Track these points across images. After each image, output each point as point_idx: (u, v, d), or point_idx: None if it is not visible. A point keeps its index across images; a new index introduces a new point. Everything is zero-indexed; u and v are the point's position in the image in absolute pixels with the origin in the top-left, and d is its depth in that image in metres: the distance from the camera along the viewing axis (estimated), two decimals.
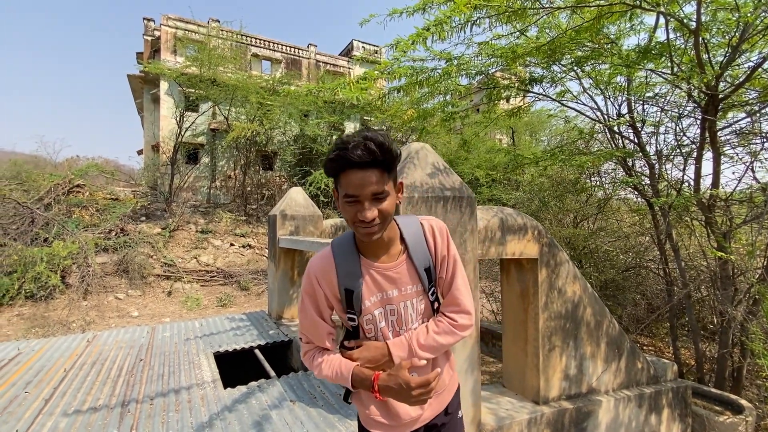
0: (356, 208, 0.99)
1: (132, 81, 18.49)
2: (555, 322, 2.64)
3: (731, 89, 3.32)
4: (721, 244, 3.49)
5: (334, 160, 0.98)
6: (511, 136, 17.10)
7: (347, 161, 0.95)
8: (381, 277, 1.12)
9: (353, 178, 0.96)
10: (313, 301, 1.14)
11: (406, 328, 1.16)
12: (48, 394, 2.77)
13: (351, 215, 1.01)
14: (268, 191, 15.63)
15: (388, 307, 1.13)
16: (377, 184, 0.97)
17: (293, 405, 2.63)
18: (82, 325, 7.67)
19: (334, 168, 1.00)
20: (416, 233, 1.16)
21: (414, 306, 1.16)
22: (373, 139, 0.95)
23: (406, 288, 1.14)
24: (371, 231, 1.01)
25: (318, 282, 1.12)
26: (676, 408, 3.13)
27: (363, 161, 0.95)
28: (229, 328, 4.45)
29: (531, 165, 5.35)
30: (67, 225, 9.92)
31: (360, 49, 22.17)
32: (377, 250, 1.12)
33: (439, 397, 1.23)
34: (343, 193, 1.00)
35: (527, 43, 3.93)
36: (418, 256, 1.14)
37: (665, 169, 4.45)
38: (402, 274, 1.13)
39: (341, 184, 1.00)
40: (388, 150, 0.97)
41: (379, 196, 0.99)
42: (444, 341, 1.14)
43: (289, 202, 4.87)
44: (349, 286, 1.10)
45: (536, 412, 2.46)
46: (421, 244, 1.15)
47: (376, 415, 1.16)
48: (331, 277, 1.11)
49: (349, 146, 0.95)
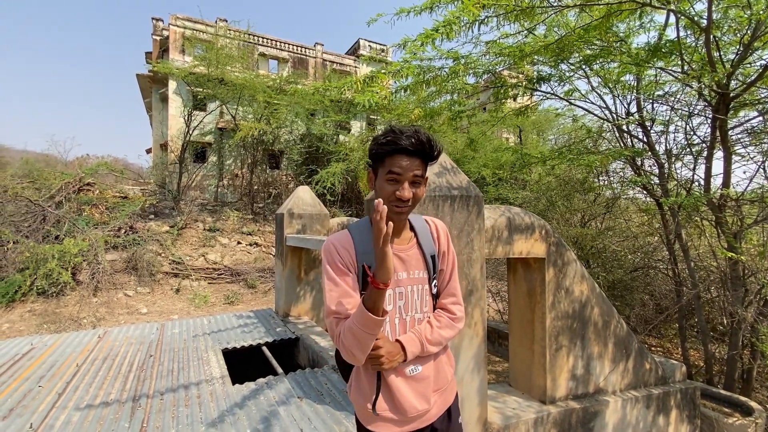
0: (396, 186, 1.11)
1: (141, 80, 18.69)
2: (562, 322, 2.64)
3: (743, 88, 3.27)
4: (731, 244, 3.45)
5: (386, 144, 1.11)
6: (518, 134, 17.00)
7: (399, 146, 1.09)
8: (394, 257, 1.16)
9: (401, 161, 1.10)
10: (338, 269, 1.15)
11: (411, 315, 1.21)
12: (61, 389, 2.83)
13: (389, 193, 1.12)
14: (274, 190, 15.71)
15: (398, 290, 1.20)
16: (418, 170, 1.12)
17: (300, 402, 2.65)
18: (93, 321, 7.78)
19: (384, 150, 1.11)
20: (423, 225, 1.30)
21: (419, 293, 1.23)
22: (424, 133, 1.11)
23: (415, 272, 1.22)
24: (403, 210, 1.14)
25: (338, 252, 1.16)
26: (685, 409, 3.11)
27: (413, 149, 1.09)
28: (236, 325, 4.49)
29: (538, 164, 5.33)
30: (77, 223, 10.07)
31: (367, 48, 22.16)
32: (394, 232, 1.20)
33: (443, 394, 1.26)
34: (386, 171, 1.11)
35: (535, 42, 3.91)
36: (426, 244, 1.26)
37: (675, 169, 4.41)
38: (412, 257, 1.22)
39: (386, 165, 1.12)
40: (433, 145, 1.13)
41: (417, 181, 1.13)
42: (446, 335, 1.23)
43: (296, 201, 4.90)
44: (368, 262, 1.14)
45: (543, 411, 2.46)
46: (427, 233, 1.29)
47: (383, 410, 1.17)
48: (350, 252, 1.17)
49: (403, 134, 1.09)
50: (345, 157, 12.87)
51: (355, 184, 14.08)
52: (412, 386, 1.19)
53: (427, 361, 1.23)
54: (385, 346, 1.13)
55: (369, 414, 1.19)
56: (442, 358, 1.28)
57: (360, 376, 1.23)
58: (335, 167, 12.00)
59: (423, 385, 1.21)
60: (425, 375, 1.21)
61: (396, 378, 1.18)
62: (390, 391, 1.18)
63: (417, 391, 1.20)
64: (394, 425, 1.19)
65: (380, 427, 1.19)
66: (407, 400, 1.17)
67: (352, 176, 13.33)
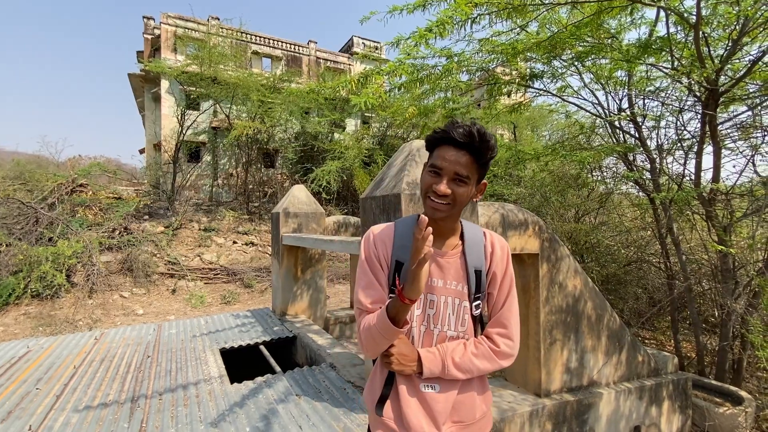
0: (435, 179, 1.04)
1: (133, 80, 18.52)
2: (556, 316, 2.68)
3: (732, 83, 3.32)
4: (721, 237, 3.51)
5: (437, 133, 1.05)
6: (512, 131, 17.06)
7: (448, 136, 1.02)
8: (431, 260, 1.10)
9: (446, 153, 1.03)
10: (370, 260, 1.13)
11: (440, 329, 1.12)
12: (59, 391, 2.83)
13: (427, 185, 1.05)
14: (270, 189, 15.69)
15: (429, 297, 1.11)
16: (463, 166, 1.02)
17: (299, 399, 2.68)
18: (89, 323, 7.75)
19: (435, 140, 1.06)
20: (477, 236, 1.17)
21: (454, 307, 1.12)
22: (478, 127, 1.01)
23: (452, 283, 1.12)
24: (438, 206, 1.04)
25: (375, 245, 1.13)
26: (677, 400, 3.17)
27: (461, 141, 1.00)
28: (234, 325, 4.50)
29: (532, 160, 5.37)
30: (71, 224, 9.99)
31: (360, 45, 22.11)
32: (436, 235, 1.11)
33: (464, 429, 1.14)
34: (430, 163, 1.06)
35: (528, 39, 3.94)
36: (472, 256, 1.14)
37: (666, 164, 4.47)
38: (451, 266, 1.13)
39: (433, 156, 1.07)
40: (486, 140, 1.01)
41: (461, 179, 1.03)
42: (480, 365, 1.10)
43: (292, 200, 4.91)
44: (401, 258, 1.10)
45: (538, 404, 2.50)
46: (479, 246, 1.16)
47: (389, 419, 1.11)
48: (387, 245, 1.13)
49: (455, 125, 1.02)
50: (340, 155, 12.89)
51: (351, 183, 14.08)
52: (422, 404, 1.10)
53: (450, 387, 1.11)
54: (399, 347, 1.07)
55: (374, 416, 1.14)
56: (473, 392, 1.15)
57: (375, 374, 1.18)
58: (330, 165, 12.02)
59: (436, 408, 1.09)
60: (442, 399, 1.10)
61: (407, 389, 1.11)
62: (398, 400, 1.11)
63: (426, 411, 1.10)
64: None
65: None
66: (413, 416, 1.09)
67: (348, 174, 13.33)
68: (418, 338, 1.12)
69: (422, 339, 1.12)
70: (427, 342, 1.12)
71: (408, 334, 1.12)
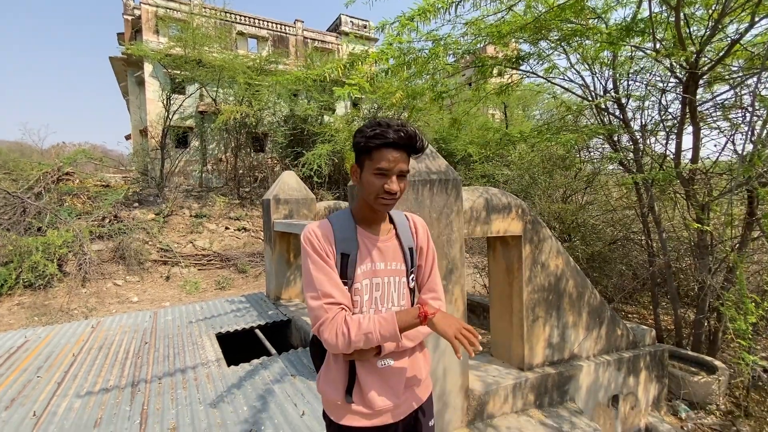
0: (384, 180, 1.12)
1: (114, 63, 18.00)
2: (538, 295, 2.80)
3: (711, 64, 3.38)
4: (699, 215, 3.64)
5: (374, 137, 1.10)
6: (503, 111, 17.03)
7: (388, 140, 1.09)
8: (372, 246, 1.21)
9: (389, 155, 1.10)
10: (323, 257, 1.15)
11: (387, 308, 1.22)
12: (59, 378, 2.91)
13: (377, 187, 1.12)
14: (260, 173, 15.58)
15: (374, 280, 1.20)
16: (404, 164, 1.13)
17: (294, 379, 2.79)
18: (84, 311, 7.80)
19: (373, 143, 1.11)
20: (402, 219, 1.32)
21: (396, 285, 1.23)
22: (411, 128, 1.12)
23: (392, 264, 1.23)
24: (390, 203, 1.14)
25: (320, 240, 1.17)
26: (654, 370, 3.35)
27: (401, 143, 1.11)
28: (229, 310, 4.59)
29: (520, 142, 5.43)
30: (59, 213, 9.89)
31: (348, 24, 21.62)
32: (371, 222, 1.23)
33: (414, 391, 1.27)
34: (375, 167, 1.11)
35: (514, 20, 3.93)
36: (404, 237, 1.28)
37: (649, 144, 4.56)
38: (390, 248, 1.24)
39: (374, 159, 1.12)
40: (420, 140, 1.14)
41: (403, 175, 1.14)
42: (423, 330, 1.21)
43: (282, 186, 4.93)
44: (346, 250, 1.17)
45: (521, 377, 2.64)
46: (405, 227, 1.31)
47: (356, 404, 1.18)
48: (329, 240, 1.18)
49: (391, 128, 1.09)
50: (331, 138, 12.78)
51: (342, 166, 14.03)
52: (383, 380, 1.19)
53: (400, 357, 1.22)
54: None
55: (338, 406, 1.20)
56: (417, 355, 1.28)
57: (330, 366, 1.23)
58: (321, 149, 11.93)
59: (393, 380, 1.20)
60: (396, 370, 1.21)
61: (366, 370, 1.18)
62: (359, 383, 1.18)
63: (387, 385, 1.19)
64: (363, 418, 1.19)
65: (349, 419, 1.19)
66: (375, 393, 1.18)
67: (339, 157, 13.26)
68: None
69: None
70: None
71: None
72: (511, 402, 2.57)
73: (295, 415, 2.32)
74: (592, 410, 2.98)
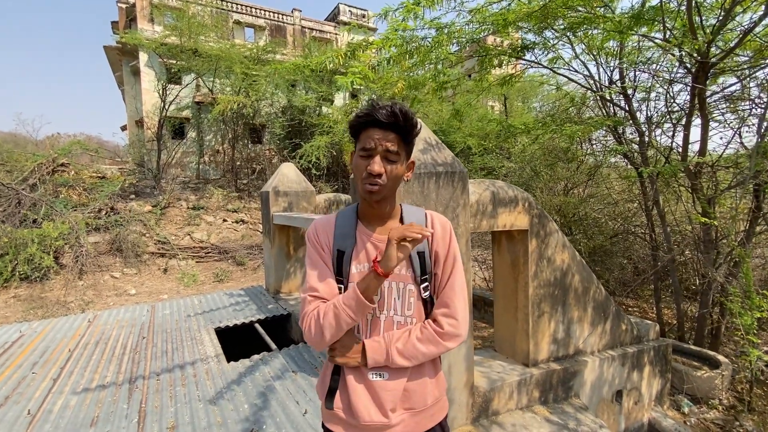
0: (366, 161, 1.05)
1: (109, 53, 17.69)
2: (544, 290, 2.75)
3: (723, 55, 3.30)
4: (705, 209, 3.59)
5: (360, 116, 1.05)
6: (503, 102, 16.87)
7: (372, 119, 1.03)
8: (372, 246, 1.12)
9: (373, 134, 1.04)
10: (319, 252, 1.15)
11: (386, 315, 1.12)
12: (55, 374, 2.86)
13: (360, 168, 1.06)
14: (258, 165, 15.43)
15: None
16: (392, 144, 1.04)
17: (295, 375, 2.74)
18: (81, 304, 7.73)
19: (359, 124, 1.06)
20: (418, 219, 1.17)
21: (399, 291, 1.12)
22: (399, 106, 1.03)
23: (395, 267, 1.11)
24: (374, 187, 1.04)
25: (318, 235, 1.16)
26: (657, 365, 3.32)
27: (386, 121, 1.02)
28: (228, 303, 4.54)
29: (522, 134, 5.34)
30: (55, 205, 9.77)
31: (347, 13, 21.30)
32: (376, 219, 1.14)
33: (416, 416, 1.13)
34: (360, 147, 1.06)
35: (519, 8, 3.82)
36: None
37: (655, 136, 4.49)
38: None
39: (360, 140, 1.06)
40: (409, 119, 1.04)
41: (391, 157, 1.05)
42: (425, 350, 1.08)
43: (281, 179, 4.85)
44: (341, 246, 1.12)
45: (526, 374, 2.60)
46: None
47: (338, 408, 1.12)
48: (329, 236, 1.15)
49: (377, 107, 1.03)
50: (329, 129, 12.64)
51: (341, 158, 13.91)
52: (371, 393, 1.10)
53: (399, 374, 1.11)
54: (342, 339, 1.08)
55: (325, 410, 1.15)
56: (425, 378, 1.14)
57: (325, 368, 1.19)
58: (319, 140, 11.80)
59: (385, 395, 1.09)
60: (391, 387, 1.10)
61: (355, 379, 1.11)
62: (347, 390, 1.11)
63: (374, 399, 1.10)
64: (345, 429, 1.12)
65: (333, 426, 1.14)
66: (360, 404, 1.09)
67: (337, 149, 13.13)
68: (366, 327, 1.12)
69: (370, 327, 1.12)
70: (374, 329, 1.11)
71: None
72: (516, 398, 2.53)
73: (297, 413, 2.28)
74: (596, 406, 2.96)
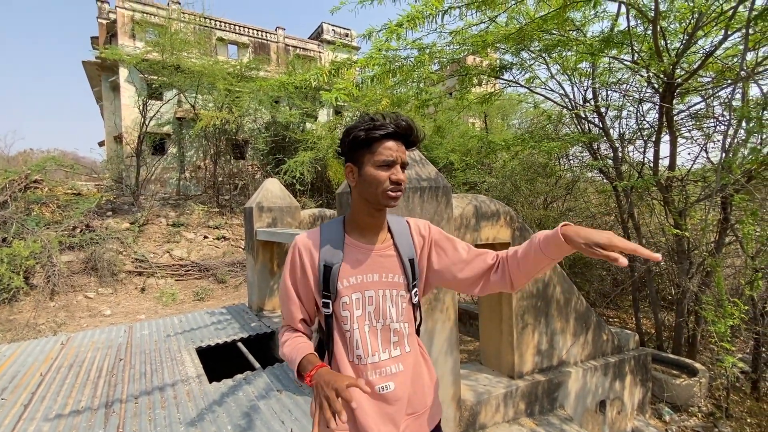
0: (391, 171, 1.06)
1: (88, 68, 17.41)
2: (527, 302, 2.80)
3: (687, 76, 3.51)
4: (677, 221, 3.75)
5: (375, 129, 1.05)
6: (483, 120, 17.31)
7: (390, 131, 1.05)
8: (363, 257, 1.11)
9: (392, 146, 1.06)
10: (293, 273, 1.13)
11: (383, 323, 1.11)
12: (26, 400, 2.71)
13: (383, 179, 1.06)
14: (240, 181, 15.27)
15: (366, 294, 1.10)
16: (406, 155, 1.10)
17: (280, 394, 2.69)
18: (53, 326, 7.39)
19: (375, 135, 1.06)
20: (401, 228, 1.20)
21: (393, 299, 1.12)
22: (406, 118, 1.08)
23: (388, 275, 1.12)
24: (399, 195, 1.08)
25: (301, 254, 1.13)
26: (638, 374, 3.40)
27: (402, 133, 1.07)
28: (209, 322, 4.42)
29: (503, 150, 5.50)
30: (26, 223, 9.41)
31: (330, 32, 21.65)
32: (365, 230, 1.14)
33: (418, 420, 1.13)
34: (380, 159, 1.06)
35: (497, 30, 4.00)
36: (403, 247, 1.16)
37: (627, 152, 4.69)
38: (386, 258, 1.13)
39: (376, 152, 1.06)
40: (418, 131, 1.11)
41: (405, 166, 1.10)
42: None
43: (266, 194, 4.82)
44: (328, 261, 1.10)
45: (512, 386, 2.62)
46: (406, 236, 1.18)
47: (342, 429, 1.06)
48: (313, 252, 1.12)
49: (387, 119, 1.06)
50: (313, 145, 12.67)
51: (325, 173, 13.91)
52: (380, 407, 1.07)
53: (404, 381, 1.10)
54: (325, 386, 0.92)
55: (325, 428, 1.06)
56: (424, 379, 1.16)
57: None
58: (303, 156, 11.81)
59: (394, 407, 1.08)
60: (398, 396, 1.09)
61: (363, 395, 1.06)
62: (351, 409, 1.04)
63: (384, 413, 1.07)
64: None
65: None
66: (371, 422, 1.05)
67: (322, 165, 13.15)
68: (364, 338, 1.10)
69: (368, 337, 1.10)
70: (372, 338, 1.10)
71: (351, 337, 1.10)
72: (502, 411, 2.54)
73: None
74: (581, 416, 2.99)
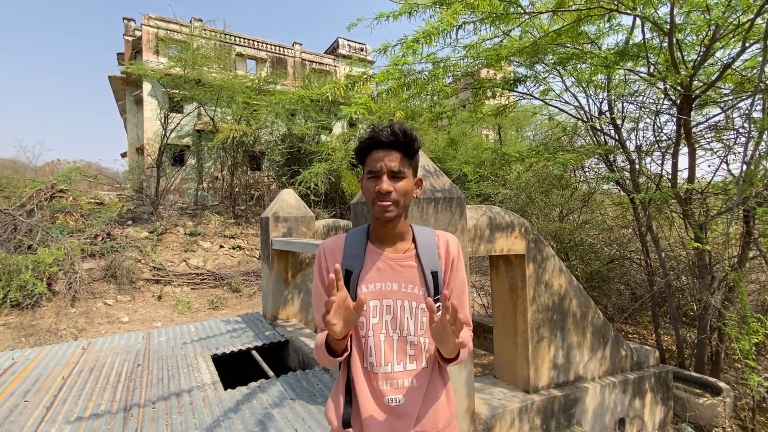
0: (375, 182, 1.07)
1: (113, 82, 18.14)
2: (543, 315, 2.77)
3: (704, 88, 3.47)
4: (697, 235, 3.66)
5: (364, 141, 1.09)
6: (497, 132, 17.30)
7: (375, 140, 1.07)
8: (384, 265, 1.12)
9: (376, 155, 1.07)
10: (321, 277, 1.16)
11: (400, 335, 1.11)
12: (48, 402, 2.79)
13: (370, 190, 1.08)
14: (256, 192, 15.54)
15: (385, 302, 1.10)
16: (395, 162, 1.07)
17: (293, 403, 2.70)
18: (73, 332, 7.58)
19: (364, 148, 1.10)
20: (429, 238, 1.19)
21: (413, 311, 1.12)
22: (399, 126, 1.08)
23: (408, 286, 1.12)
24: (387, 206, 1.06)
25: (325, 257, 1.16)
26: (659, 392, 3.30)
27: (387, 141, 1.06)
28: (224, 330, 4.48)
29: (517, 162, 5.49)
30: (51, 231, 9.75)
31: (346, 47, 22.11)
32: (387, 239, 1.15)
33: None
34: (367, 170, 1.09)
35: (511, 44, 4.04)
36: (426, 258, 1.14)
37: (645, 164, 4.63)
38: (406, 269, 1.13)
39: (366, 163, 1.10)
40: (409, 135, 1.08)
41: (397, 174, 1.07)
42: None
43: (282, 204, 4.91)
44: (350, 266, 1.11)
45: (527, 400, 2.58)
46: (431, 248, 1.17)
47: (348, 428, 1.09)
48: (337, 257, 1.15)
49: (377, 130, 1.08)
50: (327, 157, 12.85)
51: (339, 184, 14.06)
52: (387, 420, 1.08)
53: (415, 397, 1.10)
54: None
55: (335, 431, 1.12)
56: (438, 400, 1.14)
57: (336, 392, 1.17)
58: (318, 167, 11.98)
59: (402, 422, 1.08)
60: (408, 411, 1.09)
61: (371, 404, 1.08)
62: (360, 416, 1.08)
63: (391, 426, 1.08)
64: None
65: None
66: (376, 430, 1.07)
67: (335, 176, 13.31)
68: (378, 346, 1.10)
69: (383, 346, 1.11)
70: (388, 348, 1.10)
71: (366, 344, 1.11)
72: (517, 426, 2.50)
73: None
74: None
